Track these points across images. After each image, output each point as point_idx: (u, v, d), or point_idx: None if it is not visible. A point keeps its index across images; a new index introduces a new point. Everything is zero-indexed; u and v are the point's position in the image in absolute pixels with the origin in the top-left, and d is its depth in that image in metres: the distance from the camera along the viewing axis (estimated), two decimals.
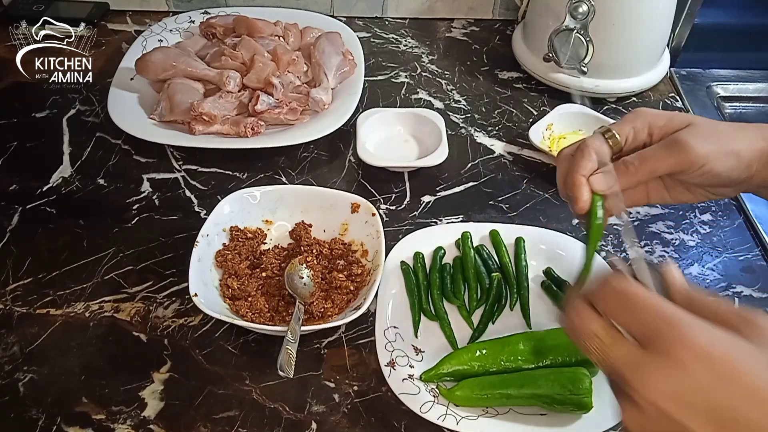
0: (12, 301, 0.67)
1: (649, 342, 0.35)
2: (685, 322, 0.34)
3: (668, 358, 0.33)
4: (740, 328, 0.34)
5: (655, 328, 0.34)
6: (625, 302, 0.36)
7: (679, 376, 0.33)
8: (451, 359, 0.61)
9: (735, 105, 1.05)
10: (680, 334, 0.33)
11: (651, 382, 0.33)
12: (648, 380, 0.34)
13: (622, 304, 0.36)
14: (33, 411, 0.59)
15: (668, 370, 0.33)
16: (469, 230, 0.73)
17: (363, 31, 1.10)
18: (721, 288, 0.73)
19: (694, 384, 0.32)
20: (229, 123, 0.84)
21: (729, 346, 0.33)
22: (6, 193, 0.79)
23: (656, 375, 0.33)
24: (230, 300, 0.65)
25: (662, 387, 0.33)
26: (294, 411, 0.60)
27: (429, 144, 0.85)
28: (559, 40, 0.92)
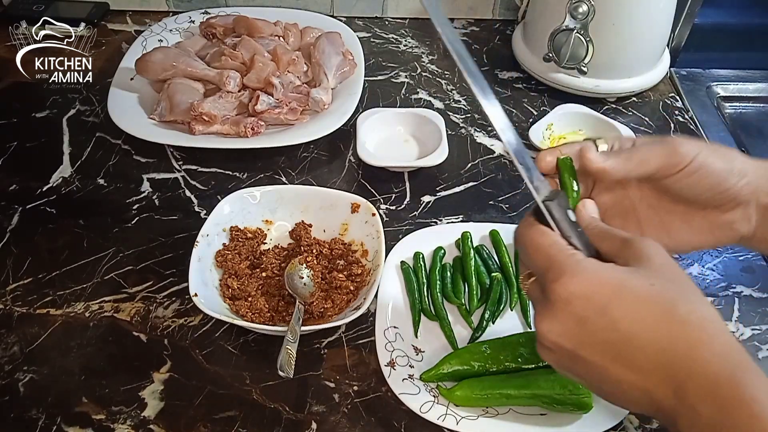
0: (12, 301, 0.67)
1: (543, 284, 0.39)
2: (567, 264, 0.37)
3: (553, 300, 0.37)
4: (621, 254, 0.38)
5: (544, 272, 0.39)
6: (525, 249, 0.41)
7: (562, 315, 0.37)
8: (451, 359, 0.61)
9: (735, 105, 1.05)
10: (558, 276, 0.37)
11: (543, 321, 0.38)
12: (541, 320, 0.38)
13: (524, 251, 0.41)
14: (33, 411, 0.59)
15: (553, 310, 0.37)
16: (469, 230, 0.73)
17: (363, 31, 1.10)
18: (721, 288, 0.73)
19: (577, 318, 0.36)
20: (229, 123, 0.84)
21: (604, 278, 0.37)
22: (6, 193, 0.79)
23: (546, 315, 0.38)
24: (230, 300, 0.65)
25: (552, 326, 0.37)
26: (294, 411, 0.60)
27: (429, 144, 0.85)
28: (559, 40, 0.92)
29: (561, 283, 0.37)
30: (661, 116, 0.97)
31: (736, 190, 0.45)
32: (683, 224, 0.48)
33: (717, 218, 0.47)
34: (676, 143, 0.45)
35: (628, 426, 0.60)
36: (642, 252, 0.37)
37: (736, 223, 0.47)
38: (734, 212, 0.46)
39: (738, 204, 0.46)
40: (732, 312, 0.70)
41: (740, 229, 0.47)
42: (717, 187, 0.45)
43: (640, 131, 0.93)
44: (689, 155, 0.44)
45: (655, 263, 0.37)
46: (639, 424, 0.60)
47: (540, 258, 0.39)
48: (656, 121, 0.96)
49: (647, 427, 0.60)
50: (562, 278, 0.37)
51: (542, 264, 0.39)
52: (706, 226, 0.47)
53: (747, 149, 0.95)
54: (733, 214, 0.46)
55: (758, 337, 0.68)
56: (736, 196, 0.45)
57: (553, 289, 0.37)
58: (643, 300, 0.35)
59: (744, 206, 0.46)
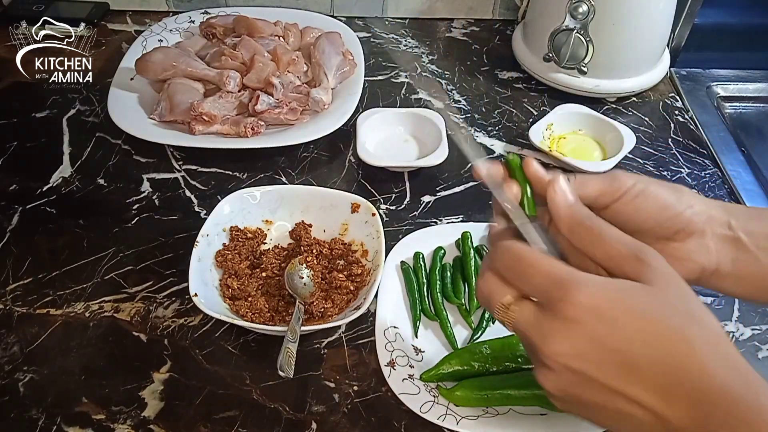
0: (12, 301, 0.67)
1: (546, 304, 0.36)
2: (572, 280, 0.35)
3: (562, 319, 0.35)
4: (633, 270, 0.36)
5: (546, 290, 0.36)
6: (518, 268, 0.38)
7: (574, 334, 0.35)
8: (451, 359, 0.61)
9: (735, 105, 1.05)
10: (567, 294, 0.35)
11: (553, 344, 0.35)
12: (550, 343, 0.35)
13: (516, 271, 0.38)
14: (33, 411, 0.59)
15: (565, 331, 0.35)
16: (469, 230, 0.73)
17: (363, 31, 1.10)
18: None
19: (590, 338, 0.34)
20: (229, 123, 0.84)
21: (615, 294, 0.35)
22: (6, 193, 0.79)
23: (556, 336, 0.35)
24: (230, 300, 0.65)
25: (563, 347, 0.35)
26: (294, 411, 0.60)
27: (429, 144, 0.85)
28: (559, 40, 0.92)
29: (570, 300, 0.35)
30: (661, 116, 0.97)
31: (685, 218, 0.45)
32: None
33: (674, 251, 0.46)
34: (617, 172, 0.45)
35: None
36: (650, 266, 0.36)
37: (693, 254, 0.45)
38: (689, 242, 0.45)
39: (691, 233, 0.45)
40: (732, 312, 0.70)
41: (699, 260, 0.45)
42: (663, 212, 0.45)
43: (640, 131, 0.93)
44: (629, 182, 0.44)
45: (665, 279, 0.36)
46: None
47: (539, 277, 0.37)
48: (656, 121, 0.96)
49: None
50: (571, 295, 0.35)
51: (542, 283, 0.37)
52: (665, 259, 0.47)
53: (747, 149, 0.95)
54: (688, 244, 0.45)
55: (758, 337, 0.68)
56: (686, 224, 0.45)
57: (561, 308, 0.35)
58: (656, 318, 0.34)
59: (699, 236, 0.45)
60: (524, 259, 0.38)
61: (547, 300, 0.36)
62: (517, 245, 0.39)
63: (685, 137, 0.94)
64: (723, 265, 0.46)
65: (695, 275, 0.46)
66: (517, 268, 0.38)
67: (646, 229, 0.45)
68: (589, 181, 0.45)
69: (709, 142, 0.93)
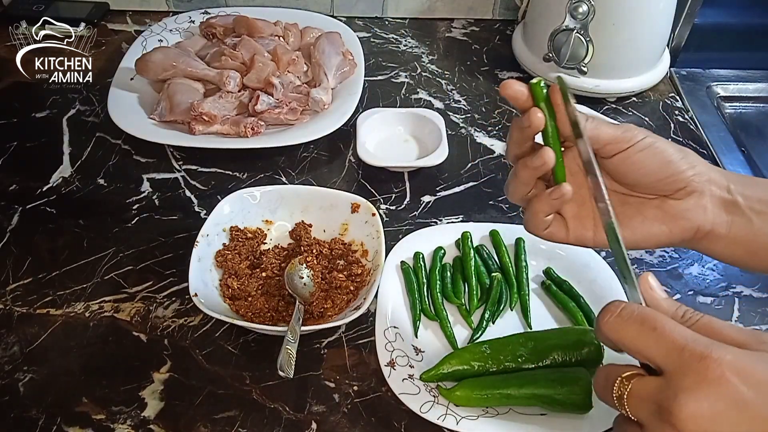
0: (12, 301, 0.67)
1: (679, 368, 0.33)
2: (713, 342, 0.33)
3: (702, 378, 0.32)
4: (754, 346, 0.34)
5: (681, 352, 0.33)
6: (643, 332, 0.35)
7: (715, 393, 0.32)
8: (451, 359, 0.60)
9: (735, 105, 1.05)
10: (710, 353, 0.32)
11: (689, 402, 0.32)
12: (685, 402, 0.32)
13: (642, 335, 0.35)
14: (33, 411, 0.59)
15: (705, 389, 0.32)
16: (469, 230, 0.73)
17: (363, 31, 1.10)
18: (721, 288, 0.73)
19: (733, 400, 0.32)
20: (229, 123, 0.84)
21: (755, 359, 0.33)
22: (6, 193, 0.79)
23: (693, 395, 0.32)
24: (230, 300, 0.65)
25: (702, 407, 0.32)
26: (294, 411, 0.60)
27: (429, 144, 0.85)
28: (559, 40, 0.92)
29: (714, 359, 0.32)
30: (661, 116, 0.97)
31: (686, 176, 0.46)
32: (637, 214, 0.48)
33: (670, 207, 0.47)
34: (631, 125, 0.47)
35: None
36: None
37: (690, 212, 0.46)
38: (687, 201, 0.46)
39: (690, 192, 0.46)
40: (732, 312, 0.70)
41: (696, 219, 0.46)
42: (666, 168, 0.45)
43: None
44: (641, 134, 0.46)
45: None
46: None
47: (665, 342, 0.34)
48: (656, 121, 0.96)
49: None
50: (716, 354, 0.32)
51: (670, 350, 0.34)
52: (660, 215, 0.47)
53: (747, 149, 0.95)
54: (685, 202, 0.46)
55: None
56: (687, 183, 0.46)
57: (701, 367, 0.32)
58: None
59: (698, 196, 0.46)
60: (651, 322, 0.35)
61: (680, 364, 0.33)
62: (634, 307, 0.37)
63: (685, 137, 0.94)
64: (718, 227, 0.46)
65: (690, 234, 0.47)
66: (642, 332, 0.35)
67: (648, 183, 0.46)
68: (603, 126, 0.45)
69: (709, 142, 0.93)
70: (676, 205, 0.47)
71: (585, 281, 0.70)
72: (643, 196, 0.48)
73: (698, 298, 0.72)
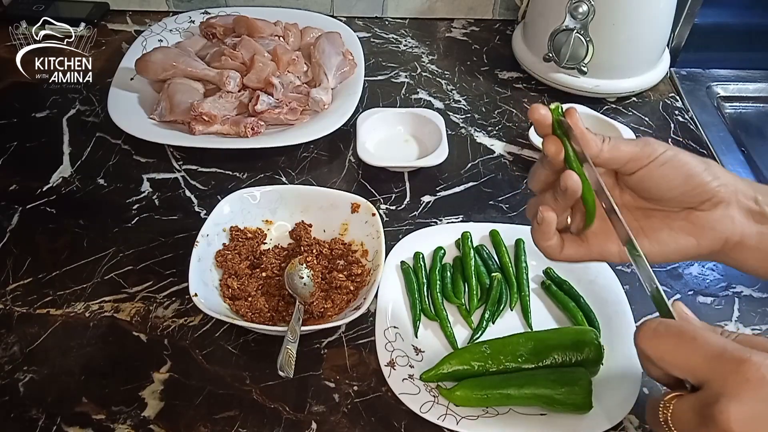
0: (12, 301, 0.67)
1: (717, 374, 0.34)
2: (738, 349, 0.34)
3: (744, 380, 0.33)
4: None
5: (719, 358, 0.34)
6: (682, 344, 0.36)
7: (757, 395, 0.32)
8: (451, 359, 0.60)
9: (735, 105, 1.05)
10: (748, 358, 0.33)
11: (731, 407, 0.33)
12: (728, 407, 0.33)
13: (681, 346, 0.36)
14: (33, 411, 0.59)
15: (747, 392, 0.33)
16: (469, 230, 0.73)
17: (363, 31, 1.10)
18: (721, 288, 0.73)
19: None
20: (229, 123, 0.84)
21: None
22: (6, 193, 0.79)
23: (737, 399, 0.33)
24: (230, 300, 0.65)
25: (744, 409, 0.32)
26: (294, 411, 0.60)
27: (429, 144, 0.85)
28: (559, 40, 0.92)
29: (751, 362, 0.33)
30: (661, 116, 0.97)
31: (711, 188, 0.45)
32: (664, 227, 0.47)
33: (697, 219, 0.46)
34: (649, 139, 0.46)
35: (628, 426, 0.60)
36: None
37: (717, 224, 0.45)
38: (714, 212, 0.45)
39: (717, 203, 0.45)
40: (732, 312, 0.70)
41: (724, 230, 0.45)
42: (690, 181, 0.45)
43: (640, 131, 0.93)
44: (661, 148, 0.45)
45: None
46: (639, 424, 0.60)
47: (704, 350, 0.35)
48: (656, 121, 0.96)
49: (647, 428, 0.60)
50: (752, 358, 0.33)
51: (709, 357, 0.35)
52: (687, 227, 0.46)
53: (747, 149, 0.95)
54: (713, 213, 0.46)
55: None
56: (713, 194, 0.45)
57: (741, 371, 0.33)
58: None
59: (724, 206, 0.45)
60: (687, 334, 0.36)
61: (720, 370, 0.34)
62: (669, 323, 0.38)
63: (685, 137, 0.94)
64: (747, 238, 0.46)
65: (718, 246, 0.46)
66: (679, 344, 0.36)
67: (672, 197, 0.46)
68: (622, 145, 0.45)
69: (709, 142, 0.93)
70: (703, 216, 0.46)
71: (585, 281, 0.70)
72: (670, 209, 0.47)
73: (698, 298, 0.72)
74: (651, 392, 0.61)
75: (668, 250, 0.47)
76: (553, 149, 0.44)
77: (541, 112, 0.44)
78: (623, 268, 0.73)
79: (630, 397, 0.58)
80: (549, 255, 0.49)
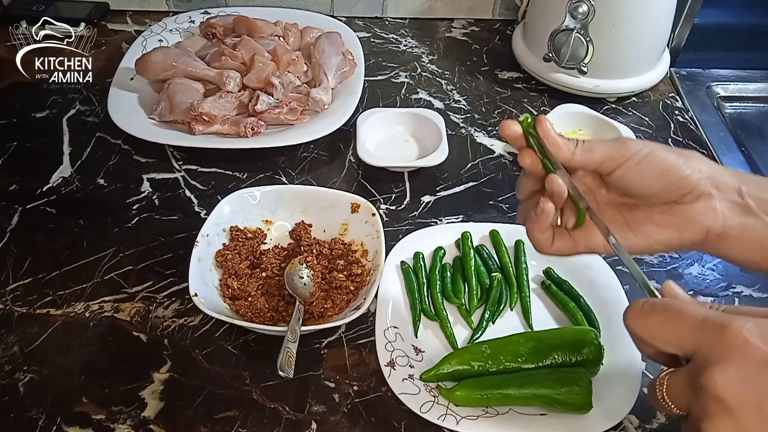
0: (12, 301, 0.67)
1: (702, 343, 0.35)
2: (733, 316, 0.35)
3: (728, 346, 0.33)
4: None
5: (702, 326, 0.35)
6: (668, 318, 0.37)
7: (742, 358, 0.33)
8: (451, 359, 0.60)
9: (735, 105, 1.05)
10: (723, 326, 0.34)
11: (718, 373, 0.33)
12: (715, 373, 0.33)
13: (667, 321, 0.37)
14: (33, 411, 0.59)
15: (732, 356, 0.33)
16: (469, 230, 0.73)
17: (363, 31, 1.10)
18: (721, 288, 0.73)
19: (760, 359, 0.33)
20: (229, 123, 0.84)
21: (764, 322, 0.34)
22: (6, 193, 0.79)
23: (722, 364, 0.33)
24: (230, 300, 0.65)
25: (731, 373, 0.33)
26: (294, 411, 0.60)
27: (429, 144, 0.85)
28: (559, 40, 0.92)
29: (733, 328, 0.34)
30: (661, 116, 0.97)
31: (691, 181, 0.45)
32: (647, 221, 0.48)
33: (679, 212, 0.46)
34: (624, 138, 0.48)
35: (628, 426, 0.60)
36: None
37: (699, 215, 0.46)
38: (695, 204, 0.46)
39: (698, 196, 0.46)
40: None
41: (705, 222, 0.46)
42: (668, 176, 0.45)
43: (640, 131, 0.93)
44: (635, 147, 0.46)
45: None
46: (639, 424, 0.60)
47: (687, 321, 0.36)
48: (656, 121, 0.96)
49: (647, 427, 0.60)
50: (735, 323, 0.34)
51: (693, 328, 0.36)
52: (669, 220, 0.47)
53: (747, 149, 0.95)
54: (694, 206, 0.46)
55: None
56: (693, 188, 0.45)
57: (723, 337, 0.34)
58: None
59: (706, 199, 0.46)
60: (671, 308, 0.37)
61: (704, 338, 0.35)
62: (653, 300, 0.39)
63: (685, 137, 0.94)
64: (729, 229, 0.46)
65: (700, 237, 0.47)
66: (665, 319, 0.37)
67: (652, 192, 0.46)
68: (595, 146, 0.46)
69: (709, 142, 0.93)
70: (685, 209, 0.46)
71: (585, 281, 0.70)
72: (652, 204, 0.48)
73: (698, 298, 0.72)
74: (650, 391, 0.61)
75: (651, 242, 0.48)
76: (528, 161, 0.47)
77: (511, 129, 0.46)
78: (623, 268, 0.73)
79: (630, 397, 0.58)
80: (540, 247, 0.50)
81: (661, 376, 0.38)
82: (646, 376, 0.62)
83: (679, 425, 0.38)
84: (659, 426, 0.60)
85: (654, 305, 0.38)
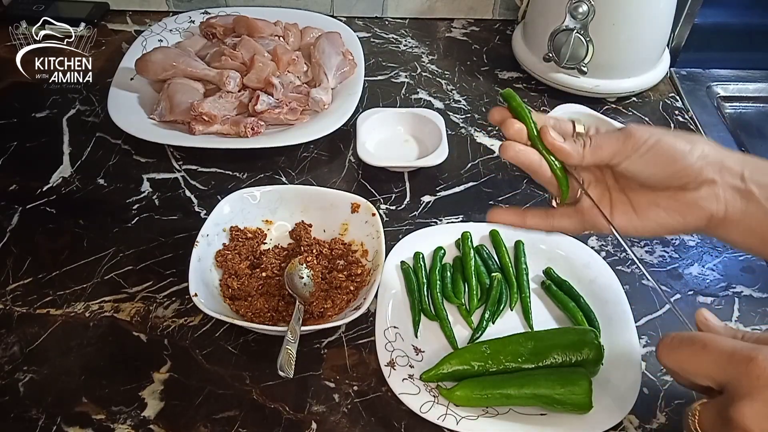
0: (12, 301, 0.67)
1: (732, 377, 0.36)
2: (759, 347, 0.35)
3: (755, 378, 0.34)
4: None
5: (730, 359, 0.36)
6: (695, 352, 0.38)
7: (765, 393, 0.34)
8: (451, 359, 0.60)
9: (735, 105, 1.05)
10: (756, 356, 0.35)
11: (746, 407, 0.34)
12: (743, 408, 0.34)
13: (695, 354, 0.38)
14: (33, 411, 0.59)
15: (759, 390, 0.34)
16: (469, 230, 0.73)
17: (363, 31, 1.10)
18: (722, 288, 0.73)
19: None
20: (229, 123, 0.84)
21: None
22: (6, 193, 0.79)
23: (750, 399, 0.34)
24: (230, 300, 0.65)
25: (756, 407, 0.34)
26: (294, 411, 0.60)
27: (429, 144, 0.85)
28: (559, 40, 0.92)
29: (758, 363, 0.34)
30: (661, 116, 0.97)
31: (695, 169, 0.46)
32: (651, 205, 0.49)
33: (683, 197, 0.47)
34: (632, 129, 0.47)
35: (628, 426, 0.60)
36: None
37: (702, 201, 0.47)
38: (699, 191, 0.47)
39: (702, 182, 0.47)
40: (732, 312, 0.70)
41: (708, 207, 0.47)
42: (674, 165, 0.46)
43: None
44: (643, 138, 0.46)
45: None
46: (639, 424, 0.60)
47: (715, 354, 0.37)
48: (656, 121, 0.96)
49: (647, 427, 0.60)
50: (758, 359, 0.34)
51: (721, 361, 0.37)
52: (673, 205, 0.48)
53: (747, 149, 0.95)
54: (698, 192, 0.47)
55: None
56: (697, 174, 0.46)
57: (750, 372, 0.34)
58: None
59: (709, 185, 0.47)
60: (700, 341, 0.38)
61: (733, 371, 0.36)
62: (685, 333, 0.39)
63: None
64: (732, 215, 0.47)
65: (703, 222, 0.48)
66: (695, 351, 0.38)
67: (658, 180, 0.47)
68: (603, 143, 0.47)
69: None
70: (688, 195, 0.47)
71: (585, 281, 0.70)
72: (658, 190, 0.49)
73: (698, 298, 0.72)
74: (650, 392, 0.62)
75: (656, 226, 0.49)
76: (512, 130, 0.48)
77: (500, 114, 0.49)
78: (623, 268, 0.73)
79: (630, 398, 0.58)
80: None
81: (695, 406, 0.38)
82: (645, 376, 0.62)
83: (679, 425, 0.38)
84: (659, 426, 0.60)
85: (682, 339, 0.39)
